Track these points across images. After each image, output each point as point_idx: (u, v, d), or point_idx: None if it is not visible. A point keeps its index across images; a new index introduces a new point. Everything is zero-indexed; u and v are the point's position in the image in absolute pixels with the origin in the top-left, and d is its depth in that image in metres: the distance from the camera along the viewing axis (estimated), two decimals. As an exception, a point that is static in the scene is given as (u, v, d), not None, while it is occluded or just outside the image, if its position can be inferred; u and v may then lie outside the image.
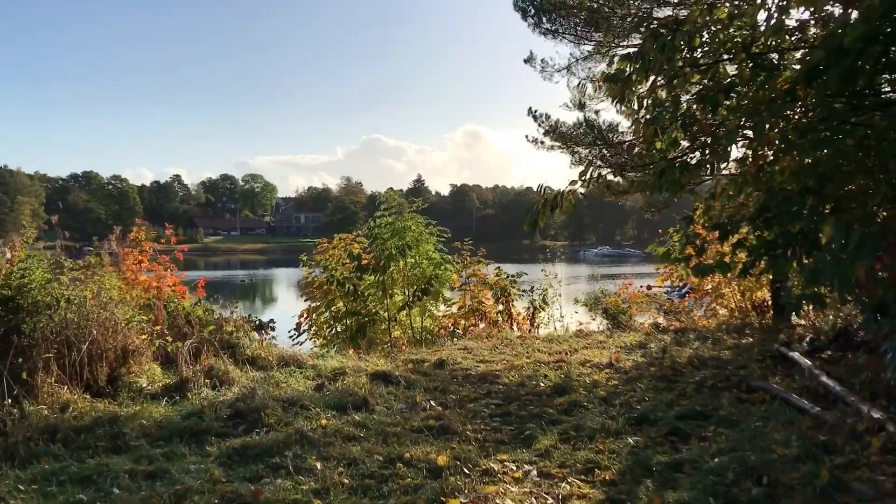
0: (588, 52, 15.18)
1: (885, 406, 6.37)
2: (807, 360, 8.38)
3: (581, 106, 14.03)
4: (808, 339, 10.35)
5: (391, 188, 16.55)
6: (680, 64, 6.96)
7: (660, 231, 14.53)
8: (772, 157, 6.51)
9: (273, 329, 11.54)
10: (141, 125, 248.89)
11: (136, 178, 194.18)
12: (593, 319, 13.42)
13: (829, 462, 5.13)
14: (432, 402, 7.14)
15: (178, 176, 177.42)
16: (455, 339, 12.95)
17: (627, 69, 7.39)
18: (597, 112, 13.98)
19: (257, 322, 11.03)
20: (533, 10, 15.58)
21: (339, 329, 14.25)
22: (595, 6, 14.76)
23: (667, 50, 6.74)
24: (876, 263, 4.46)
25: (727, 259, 7.81)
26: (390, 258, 12.99)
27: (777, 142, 6.08)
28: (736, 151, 7.08)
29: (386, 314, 13.56)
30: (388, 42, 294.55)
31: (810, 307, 14.35)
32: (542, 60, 15.67)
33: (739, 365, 8.71)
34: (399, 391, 7.61)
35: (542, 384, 8.10)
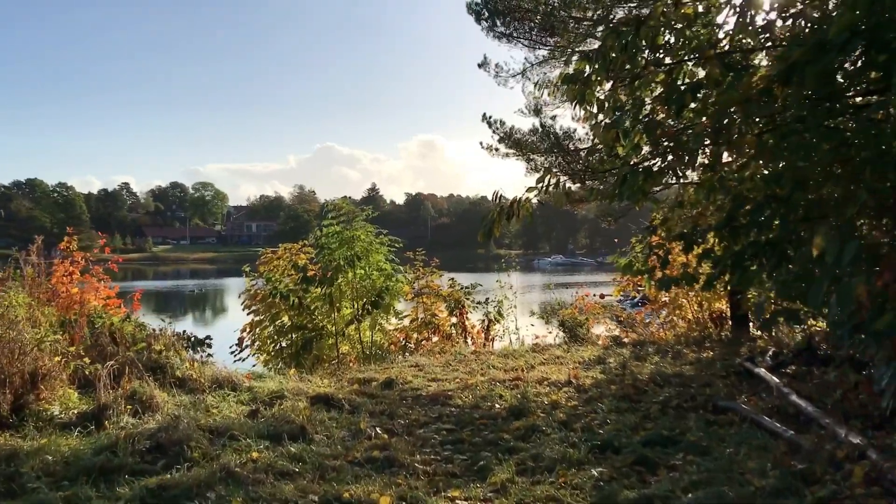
0: (543, 56, 14.80)
1: (862, 429, 5.97)
2: (774, 377, 7.99)
3: (537, 111, 13.60)
4: (770, 352, 10.01)
5: (345, 196, 15.85)
6: (643, 63, 6.51)
7: (616, 241, 14.23)
8: (742, 162, 6.08)
9: (210, 346, 10.80)
10: (88, 132, 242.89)
11: (82, 186, 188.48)
12: (549, 332, 12.95)
13: (810, 496, 4.66)
14: (378, 429, 6.52)
15: (126, 184, 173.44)
16: (406, 355, 12.36)
17: (587, 69, 6.94)
18: (553, 118, 13.59)
19: (192, 339, 10.29)
20: (487, 13, 15.13)
21: (284, 344, 13.53)
22: (549, 10, 14.38)
23: (629, 48, 6.28)
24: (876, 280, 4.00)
25: (691, 270, 7.41)
26: (338, 269, 12.34)
27: (748, 146, 5.63)
28: (702, 157, 6.67)
29: (333, 329, 12.90)
30: (341, 50, 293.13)
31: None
32: (497, 65, 15.24)
33: (704, 382, 8.29)
34: (342, 416, 6.97)
35: (497, 405, 7.55)
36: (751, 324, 13.45)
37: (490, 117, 15.12)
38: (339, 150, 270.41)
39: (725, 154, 6.29)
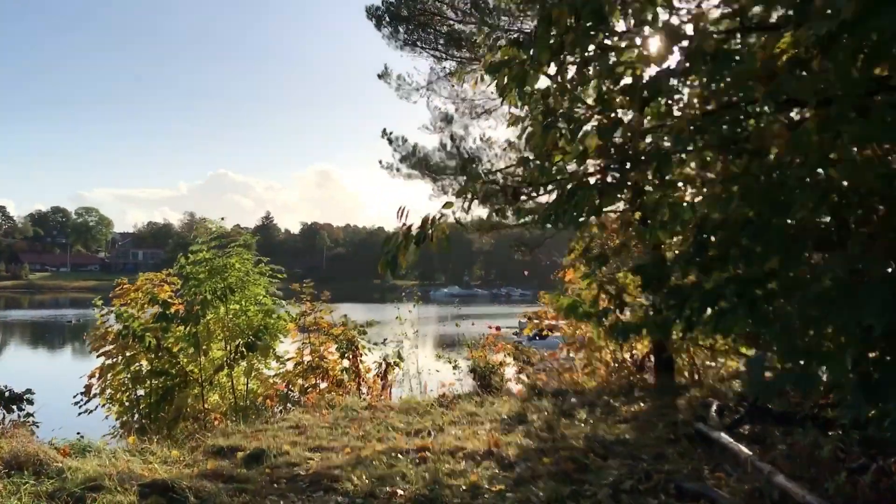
0: (452, 68, 13.26)
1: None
2: (740, 446, 6.49)
3: (446, 121, 11.98)
4: (714, 407, 8.61)
5: (237, 224, 13.63)
6: (601, 39, 4.94)
7: (525, 273, 12.69)
8: (741, 167, 4.54)
9: (31, 402, 8.49)
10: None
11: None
12: (457, 378, 11.19)
13: None
14: (229, 542, 4.55)
15: (2, 207, 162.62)
16: (287, 409, 10.33)
17: (521, 56, 5.33)
18: (465, 128, 11.98)
19: (5, 394, 7.97)
20: (388, 18, 13.50)
21: (141, 393, 11.21)
22: (459, 15, 12.88)
23: (586, 16, 4.68)
24: None
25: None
26: (206, 304, 10.21)
27: (777, 138, 4.08)
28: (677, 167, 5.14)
29: (201, 375, 10.72)
30: (235, 76, 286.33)
31: (692, 362, 12.91)
32: (399, 77, 13.60)
33: (655, 453, 6.69)
34: (182, 519, 4.95)
35: (400, 491, 5.69)
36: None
37: (391, 133, 13.43)
38: (232, 178, 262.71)
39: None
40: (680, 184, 5.43)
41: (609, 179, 5.27)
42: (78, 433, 7.50)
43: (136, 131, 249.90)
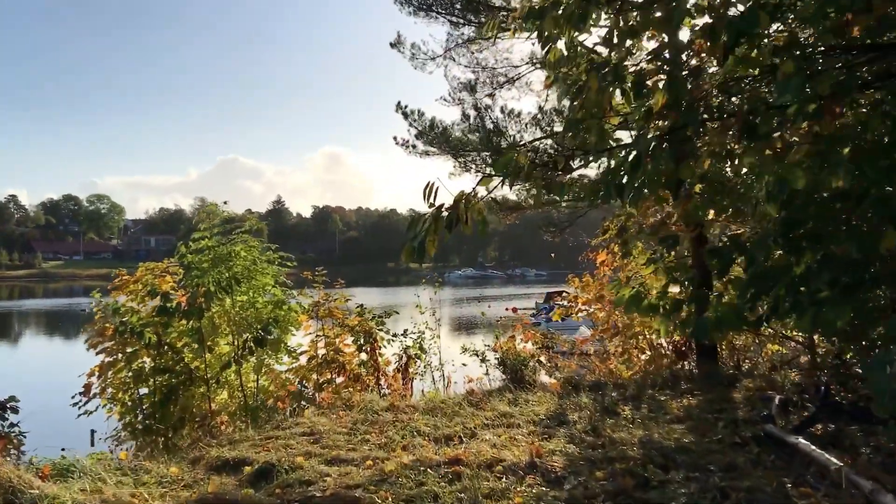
0: (470, 35, 12.26)
1: None
2: (826, 454, 5.57)
3: (470, 90, 10.97)
4: (775, 402, 7.70)
5: (248, 209, 12.70)
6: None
7: (552, 255, 11.74)
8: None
9: (16, 411, 7.70)
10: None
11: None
12: (484, 373, 10.30)
13: None
14: None
15: (13, 196, 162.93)
16: (301, 407, 9.51)
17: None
18: (488, 105, 10.97)
19: (-14, 403, 7.16)
20: (401, -19, 12.48)
21: (144, 392, 10.40)
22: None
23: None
24: None
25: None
26: (209, 296, 9.36)
27: None
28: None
29: (206, 373, 9.89)
30: (243, 60, 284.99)
31: (734, 347, 11.95)
32: (414, 45, 12.59)
33: (725, 464, 5.77)
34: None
35: (432, 519, 4.83)
36: (717, 356, 11.26)
37: (406, 107, 12.46)
38: (242, 163, 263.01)
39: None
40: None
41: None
42: (62, 449, 6.69)
43: (146, 119, 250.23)
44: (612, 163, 4.72)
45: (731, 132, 4.20)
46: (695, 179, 4.64)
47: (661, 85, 4.23)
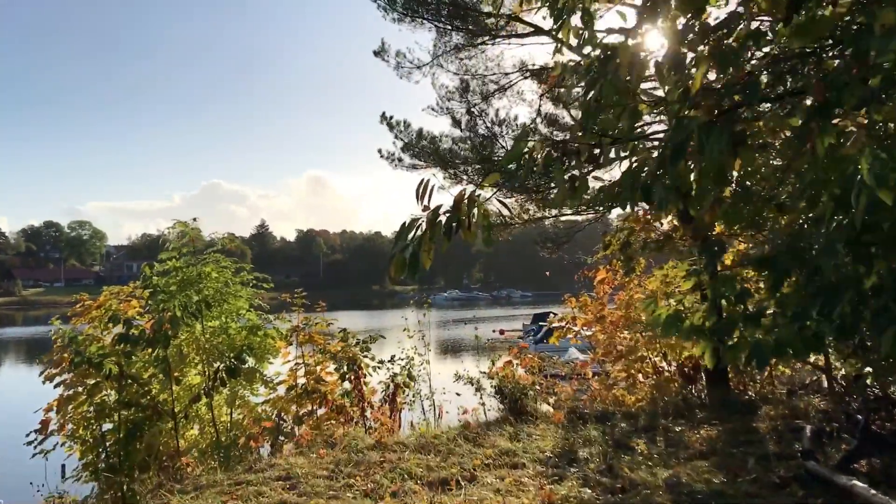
0: (458, 43, 11.52)
1: None
2: (889, 500, 4.77)
3: (463, 93, 10.20)
4: (807, 432, 6.91)
5: (232, 233, 11.74)
6: None
7: (547, 273, 10.91)
8: None
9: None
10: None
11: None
12: (480, 402, 9.41)
13: None
14: None
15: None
16: (278, 444, 8.62)
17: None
18: (482, 109, 10.20)
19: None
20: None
21: (108, 428, 9.48)
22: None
23: None
24: None
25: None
26: (176, 322, 8.46)
27: None
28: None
29: (175, 406, 8.97)
30: (226, 85, 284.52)
31: (740, 370, 11.13)
32: (399, 53, 11.83)
33: (771, 511, 4.97)
34: None
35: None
36: (729, 380, 10.47)
37: (391, 118, 11.66)
38: (225, 187, 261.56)
39: None
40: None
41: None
42: (31, 483, 5.81)
43: (129, 144, 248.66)
44: (634, 162, 3.95)
45: (789, 111, 3.43)
46: (752, 171, 3.86)
47: (703, 58, 3.46)
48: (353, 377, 9.95)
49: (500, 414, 8.67)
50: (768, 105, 3.77)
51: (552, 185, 8.92)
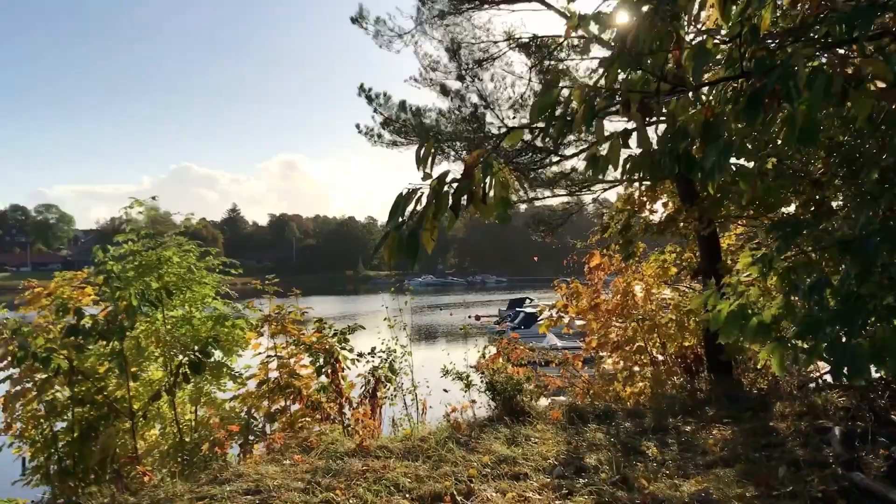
0: (444, 9, 10.62)
1: None
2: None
3: (454, 53, 9.33)
4: (837, 432, 6.25)
5: (203, 218, 10.75)
6: None
7: (535, 259, 10.28)
8: None
9: None
10: None
11: None
12: (469, 399, 8.64)
13: None
14: None
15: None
16: (248, 448, 7.81)
17: None
18: (476, 74, 9.31)
19: None
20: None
21: (61, 427, 8.61)
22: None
23: None
24: None
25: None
26: (132, 312, 7.58)
27: None
28: None
29: (133, 404, 8.11)
30: (194, 66, 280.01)
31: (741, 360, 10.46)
32: (378, 20, 10.92)
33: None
34: None
35: None
36: (733, 372, 9.83)
37: (370, 90, 10.76)
38: (196, 171, 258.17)
39: None
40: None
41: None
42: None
43: (97, 126, 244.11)
44: (679, 121, 3.18)
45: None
46: (862, 122, 3.10)
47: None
48: (329, 371, 9.14)
49: (491, 412, 7.91)
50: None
51: (585, 144, 8.10)
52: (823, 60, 2.83)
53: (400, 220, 2.99)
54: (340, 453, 6.49)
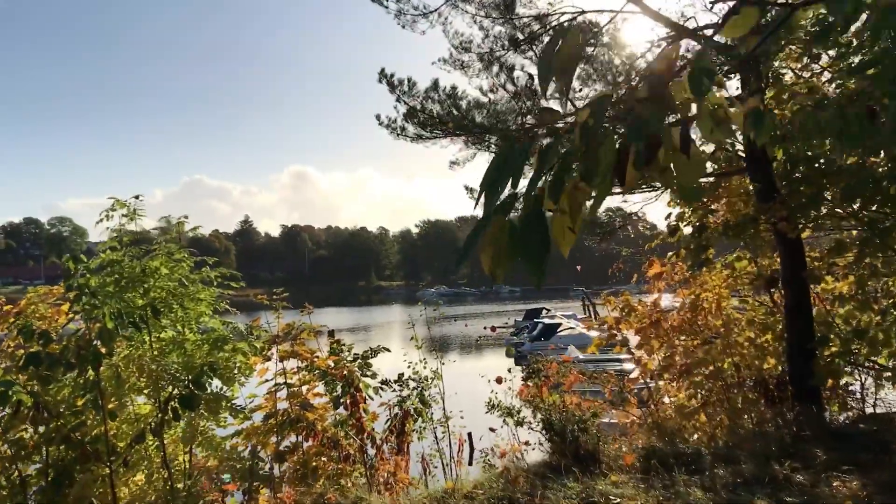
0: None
1: None
2: None
3: (508, 9, 7.85)
4: None
5: (216, 229, 9.32)
6: None
7: (578, 268, 9.25)
8: None
9: None
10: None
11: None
12: (521, 441, 7.11)
13: None
14: None
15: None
16: (252, 496, 6.39)
17: None
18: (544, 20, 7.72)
19: None
20: None
21: (31, 472, 7.22)
22: None
23: None
24: None
25: None
26: (107, 336, 6.16)
27: None
28: None
29: (112, 446, 6.70)
30: (207, 79, 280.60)
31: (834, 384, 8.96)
32: (400, -2, 9.49)
33: None
34: None
35: None
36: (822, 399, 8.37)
37: (391, 76, 9.33)
38: (207, 183, 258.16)
39: None
40: None
41: None
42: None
43: (110, 140, 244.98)
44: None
45: None
46: None
47: None
48: (348, 402, 7.71)
49: (549, 456, 6.44)
50: None
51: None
52: None
53: (505, 195, 1.56)
54: (366, 517, 5.05)
